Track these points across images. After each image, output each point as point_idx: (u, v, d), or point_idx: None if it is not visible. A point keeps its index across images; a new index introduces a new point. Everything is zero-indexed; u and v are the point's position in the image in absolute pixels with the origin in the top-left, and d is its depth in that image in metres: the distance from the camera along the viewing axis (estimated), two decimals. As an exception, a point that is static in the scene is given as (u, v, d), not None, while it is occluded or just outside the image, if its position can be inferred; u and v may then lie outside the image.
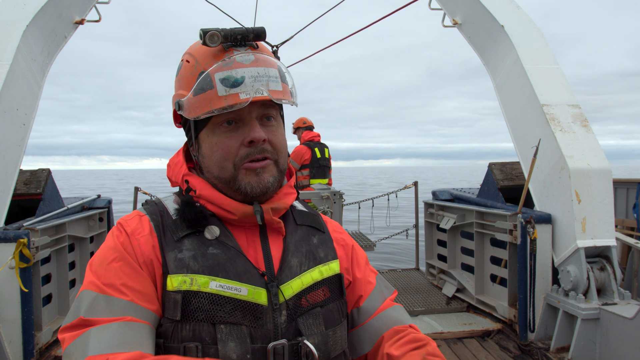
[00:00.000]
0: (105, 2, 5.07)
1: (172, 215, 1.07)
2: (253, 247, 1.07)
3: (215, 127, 1.05)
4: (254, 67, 1.02)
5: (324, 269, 1.12)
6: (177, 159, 1.17)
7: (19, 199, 4.20)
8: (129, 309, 0.94)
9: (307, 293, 1.07)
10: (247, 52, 1.04)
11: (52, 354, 3.74)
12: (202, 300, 0.97)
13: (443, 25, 5.42)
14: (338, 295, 1.13)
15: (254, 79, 1.01)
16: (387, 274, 6.67)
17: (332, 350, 1.06)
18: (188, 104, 1.05)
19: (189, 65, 1.08)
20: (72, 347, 0.92)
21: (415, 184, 7.57)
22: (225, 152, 1.04)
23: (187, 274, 0.98)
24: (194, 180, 1.10)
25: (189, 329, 0.96)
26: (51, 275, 4.12)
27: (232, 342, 0.96)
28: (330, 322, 1.08)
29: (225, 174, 1.06)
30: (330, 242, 1.19)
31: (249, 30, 1.05)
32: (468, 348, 4.02)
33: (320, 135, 6.93)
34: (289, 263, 1.07)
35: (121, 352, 0.89)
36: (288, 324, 1.02)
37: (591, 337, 3.47)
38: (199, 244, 1.02)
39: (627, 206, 6.49)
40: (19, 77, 3.90)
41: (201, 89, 1.02)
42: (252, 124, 1.04)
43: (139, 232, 1.03)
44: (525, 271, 3.94)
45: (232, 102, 1.00)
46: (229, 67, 1.01)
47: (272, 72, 1.04)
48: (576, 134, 4.01)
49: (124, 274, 0.98)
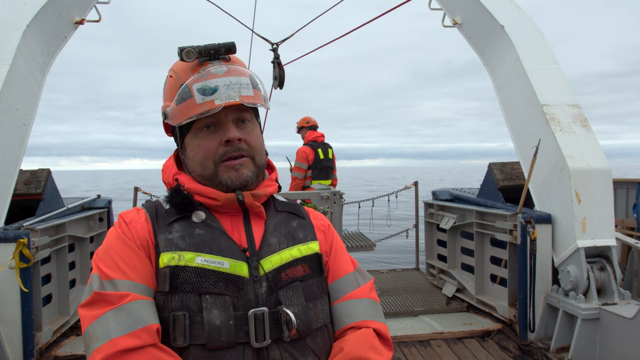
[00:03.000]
0: (105, 2, 5.07)
1: (165, 207, 1.22)
2: (237, 230, 1.20)
3: (197, 131, 1.20)
4: (227, 76, 1.17)
5: (303, 248, 1.23)
6: (169, 163, 1.31)
7: (19, 199, 4.20)
8: (132, 287, 1.08)
9: (286, 268, 1.18)
10: (220, 64, 1.20)
11: (52, 354, 3.74)
12: (188, 273, 1.09)
13: (443, 25, 5.41)
14: (317, 273, 1.24)
15: (226, 87, 1.15)
16: (387, 274, 6.66)
17: (313, 322, 1.16)
18: (172, 113, 1.21)
19: (172, 80, 1.25)
20: (92, 329, 1.04)
21: (415, 184, 7.57)
22: (206, 151, 1.19)
23: (175, 251, 1.11)
24: (182, 177, 1.24)
25: (177, 300, 1.08)
26: (51, 275, 4.12)
27: (216, 310, 1.08)
28: (310, 296, 1.18)
29: (207, 171, 1.20)
30: (311, 226, 1.31)
31: (221, 45, 1.21)
32: (468, 348, 4.02)
33: (324, 135, 6.81)
34: (268, 241, 1.20)
35: (139, 330, 1.02)
36: (269, 294, 1.14)
37: (591, 337, 3.47)
38: (186, 226, 1.16)
39: (627, 206, 6.49)
40: (19, 77, 3.90)
41: (182, 98, 1.17)
42: (228, 125, 1.18)
43: (136, 221, 1.18)
44: (525, 271, 3.94)
45: (208, 107, 1.14)
46: (205, 78, 1.16)
47: (243, 80, 1.18)
48: (576, 134, 4.01)
49: (126, 256, 1.11)
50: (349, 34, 6.09)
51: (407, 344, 4.09)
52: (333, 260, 1.30)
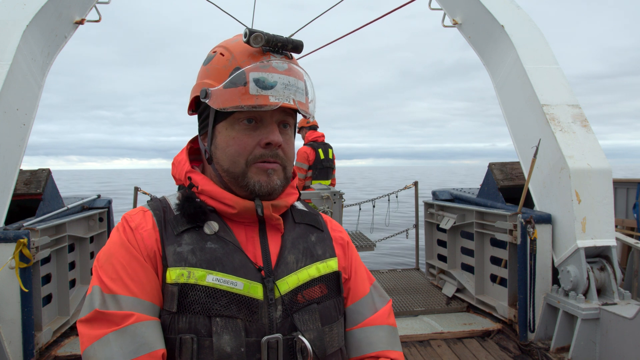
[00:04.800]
0: (105, 2, 5.07)
1: (174, 211, 1.10)
2: (252, 243, 1.10)
3: (235, 122, 1.08)
4: (287, 75, 1.07)
5: (322, 266, 1.14)
6: (181, 157, 1.20)
7: (19, 199, 4.20)
8: (136, 305, 0.98)
9: (303, 289, 1.09)
10: (282, 59, 1.09)
11: (52, 354, 3.75)
12: (198, 293, 1.00)
13: (443, 25, 5.42)
14: (335, 293, 1.15)
15: (284, 86, 1.06)
16: (387, 274, 6.66)
17: (329, 347, 1.08)
18: (216, 95, 1.07)
19: (224, 59, 1.11)
20: (92, 351, 0.95)
21: (415, 184, 7.57)
22: (240, 147, 1.08)
23: (184, 267, 1.01)
24: (196, 176, 1.14)
25: (185, 321, 0.99)
26: (51, 275, 4.12)
27: (226, 335, 0.99)
28: (326, 319, 1.10)
29: (236, 169, 1.09)
30: (329, 240, 1.22)
31: (289, 40, 1.11)
32: (468, 348, 4.02)
33: (324, 135, 6.83)
34: (285, 259, 1.10)
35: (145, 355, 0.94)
36: (284, 319, 1.05)
37: (591, 337, 3.47)
38: (198, 238, 1.06)
39: (627, 206, 6.49)
40: (19, 77, 3.90)
41: (233, 83, 1.05)
42: (272, 127, 1.09)
43: (142, 227, 1.06)
44: (525, 271, 3.94)
45: (262, 102, 1.04)
46: (265, 69, 1.06)
47: (300, 84, 1.10)
48: (576, 134, 4.01)
49: (130, 268, 1.01)
50: (348, 34, 6.09)
51: (407, 344, 4.09)
52: (353, 280, 1.22)
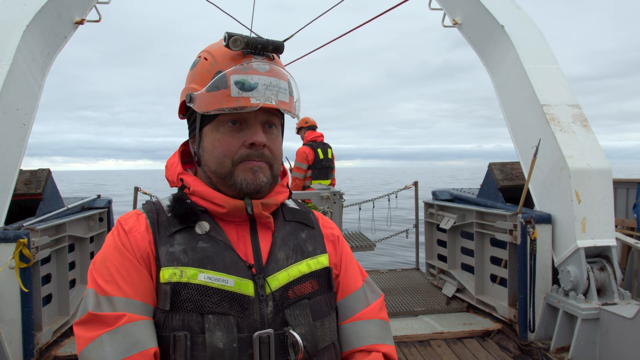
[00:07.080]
0: (105, 2, 5.07)
1: (167, 213, 1.13)
2: (243, 242, 1.13)
3: (220, 124, 1.11)
4: (268, 76, 1.09)
5: (312, 263, 1.16)
6: (173, 160, 1.24)
7: (19, 199, 4.20)
8: (128, 305, 1.01)
9: (294, 285, 1.11)
10: (263, 61, 1.11)
11: (52, 354, 3.74)
12: (191, 291, 1.03)
13: (443, 25, 5.42)
14: (326, 288, 1.18)
15: (265, 87, 1.08)
16: (387, 274, 6.66)
17: (320, 341, 1.11)
18: (200, 99, 1.10)
19: (207, 63, 1.14)
20: (87, 352, 1.00)
21: (415, 184, 7.57)
22: (226, 149, 1.11)
23: (177, 267, 1.04)
24: (188, 178, 1.17)
25: (178, 319, 1.02)
26: (51, 276, 4.12)
27: (219, 332, 1.01)
28: (318, 314, 1.12)
29: (223, 170, 1.12)
30: (320, 237, 1.24)
31: (269, 42, 1.12)
32: (468, 348, 4.02)
33: (323, 135, 6.82)
34: (275, 256, 1.12)
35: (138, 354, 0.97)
36: (275, 315, 1.07)
37: (591, 337, 3.47)
38: (189, 238, 1.09)
39: (627, 206, 6.49)
40: (19, 77, 3.90)
41: (215, 86, 1.08)
42: (255, 127, 1.11)
43: (135, 229, 1.10)
44: (525, 271, 3.94)
45: (243, 104, 1.06)
46: (246, 71, 1.08)
47: (282, 84, 1.11)
48: (576, 134, 4.01)
49: (124, 270, 1.04)
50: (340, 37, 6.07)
51: (407, 344, 4.09)
52: (343, 274, 1.24)
